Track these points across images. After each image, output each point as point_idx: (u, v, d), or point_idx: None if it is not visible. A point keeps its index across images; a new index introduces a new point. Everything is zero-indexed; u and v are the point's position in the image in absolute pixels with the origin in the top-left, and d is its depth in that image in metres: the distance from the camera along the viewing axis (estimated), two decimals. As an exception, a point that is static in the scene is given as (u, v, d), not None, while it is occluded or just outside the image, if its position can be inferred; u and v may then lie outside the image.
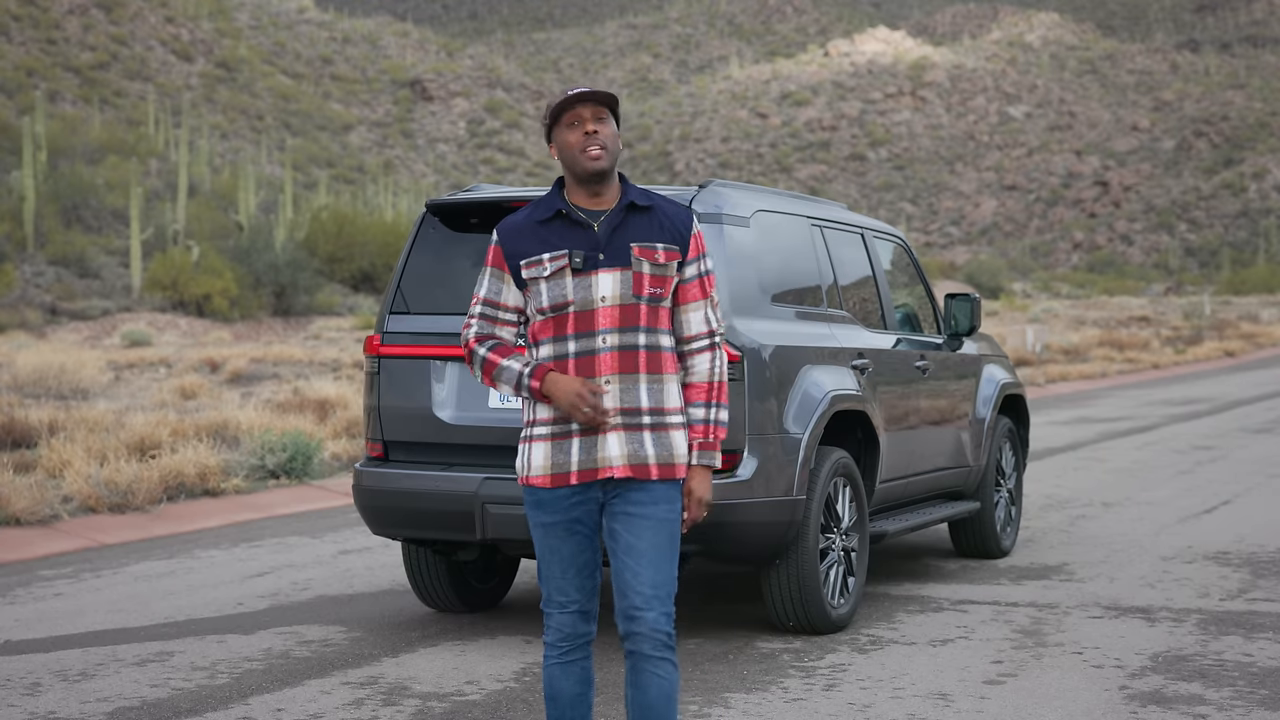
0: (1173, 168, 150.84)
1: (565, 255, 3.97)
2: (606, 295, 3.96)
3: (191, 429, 13.44)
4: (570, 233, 4.00)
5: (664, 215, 4.07)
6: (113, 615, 7.51)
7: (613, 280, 3.97)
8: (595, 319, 3.97)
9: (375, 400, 6.82)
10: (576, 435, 3.98)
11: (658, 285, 4.00)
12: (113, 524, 10.30)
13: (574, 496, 4.01)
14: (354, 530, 10.24)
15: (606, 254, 3.98)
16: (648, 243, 4.01)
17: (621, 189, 4.08)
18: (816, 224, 7.54)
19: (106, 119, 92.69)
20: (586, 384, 3.93)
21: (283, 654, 6.61)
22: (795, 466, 6.53)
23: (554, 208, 4.03)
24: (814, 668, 6.25)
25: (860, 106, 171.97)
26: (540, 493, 4.03)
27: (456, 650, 6.65)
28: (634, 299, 3.97)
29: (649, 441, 3.99)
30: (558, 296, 3.97)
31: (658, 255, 4.00)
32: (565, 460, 3.99)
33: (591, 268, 3.96)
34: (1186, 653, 6.44)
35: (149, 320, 43.75)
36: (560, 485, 4.00)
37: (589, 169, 3.96)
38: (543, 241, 4.00)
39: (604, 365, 3.97)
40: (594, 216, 4.01)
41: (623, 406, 3.97)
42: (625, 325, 3.97)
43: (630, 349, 3.98)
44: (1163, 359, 33.52)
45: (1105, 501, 11.49)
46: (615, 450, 3.97)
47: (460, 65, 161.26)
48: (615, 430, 3.97)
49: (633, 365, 3.98)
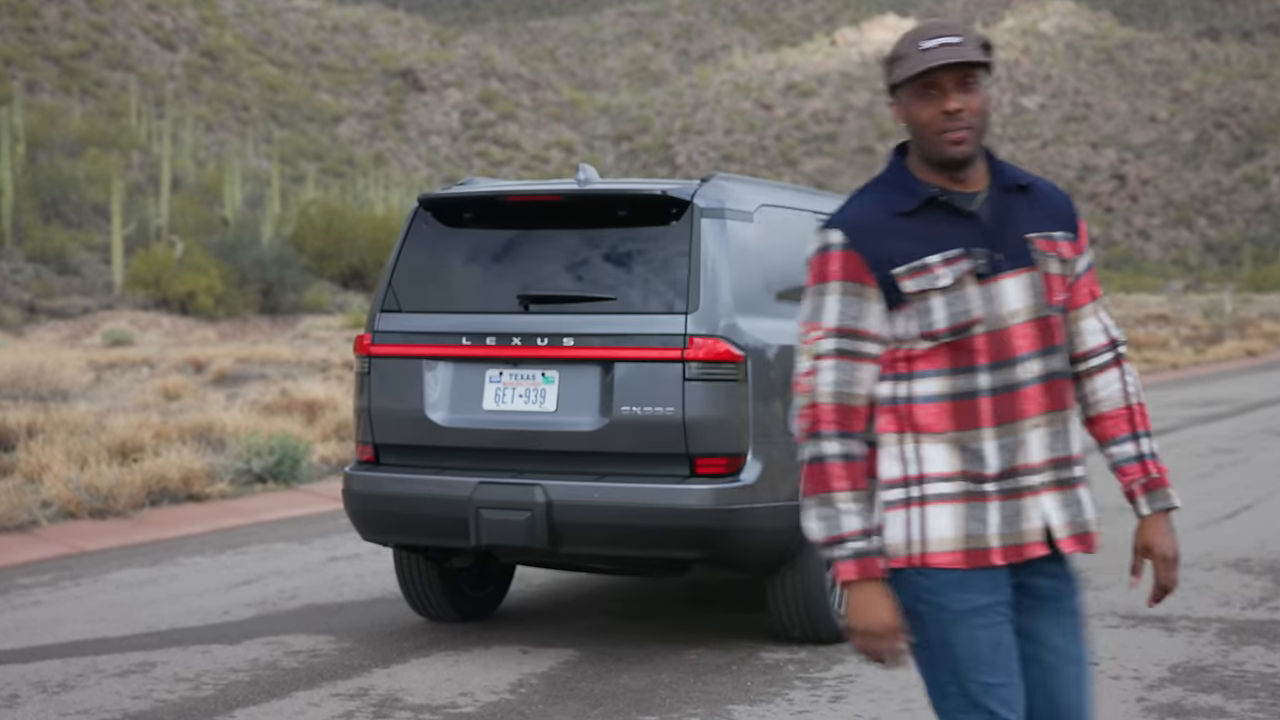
0: (1192, 160, 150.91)
1: (964, 256, 3.07)
2: (1019, 307, 3.08)
3: (175, 431, 13.44)
4: (951, 226, 3.10)
5: (1044, 195, 3.21)
6: (93, 625, 7.51)
7: (1021, 286, 3.09)
8: (1012, 341, 3.07)
9: (366, 402, 6.83)
10: (995, 497, 3.06)
11: (1064, 288, 3.16)
12: (93, 530, 10.29)
13: (992, 580, 3.09)
14: (344, 536, 10.25)
15: (1005, 251, 3.10)
16: (1044, 232, 3.15)
17: (991, 164, 3.19)
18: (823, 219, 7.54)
19: (87, 110, 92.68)
20: (901, 629, 3.08)
21: (269, 665, 6.61)
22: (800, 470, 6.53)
23: (919, 191, 3.11)
24: (820, 679, 6.25)
25: (868, 97, 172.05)
26: (945, 576, 3.06)
27: (450, 661, 6.65)
28: (1047, 310, 3.11)
29: (1085, 502, 3.15)
30: (960, 314, 3.05)
31: (1061, 249, 3.16)
32: (982, 531, 3.06)
33: (995, 271, 3.07)
34: (1206, 663, 6.44)
35: (131, 319, 43.74)
36: (979, 566, 3.06)
37: (950, 155, 3.08)
38: (921, 240, 3.07)
39: (1031, 404, 3.08)
40: (967, 200, 3.13)
41: (1054, 457, 3.10)
42: (1045, 347, 3.11)
43: (1054, 378, 3.12)
44: (1182, 359, 33.53)
45: (1123, 506, 11.48)
46: (1055, 515, 3.10)
47: (454, 55, 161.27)
48: (1048, 490, 3.10)
49: (1060, 400, 3.12)
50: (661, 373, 6.32)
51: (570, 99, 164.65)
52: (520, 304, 6.61)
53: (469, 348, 6.64)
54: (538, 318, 6.56)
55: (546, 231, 6.76)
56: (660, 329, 6.36)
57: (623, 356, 6.38)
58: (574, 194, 6.74)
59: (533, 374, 6.56)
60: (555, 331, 6.50)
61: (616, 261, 6.56)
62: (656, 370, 6.32)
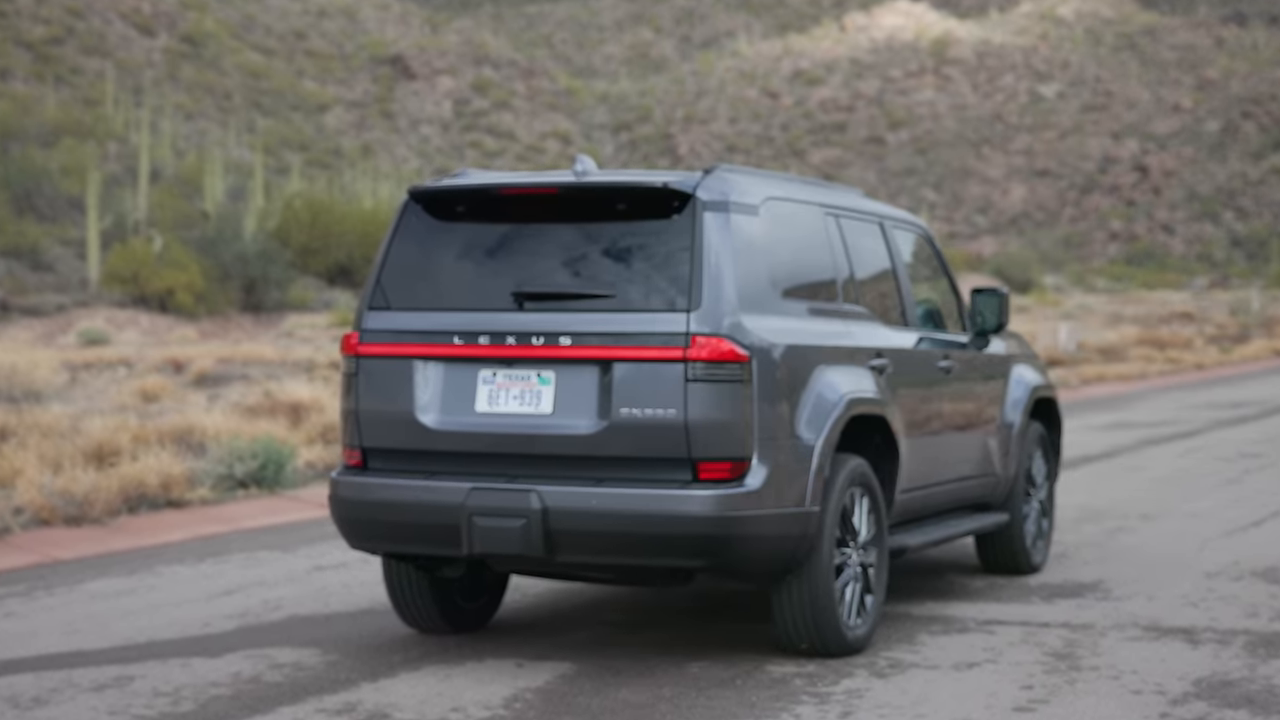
0: (1218, 151, 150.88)
1: None
2: None
3: (154, 434, 13.45)
4: None
5: None
6: (68, 636, 7.52)
7: None
8: None
9: (353, 404, 6.83)
10: None
11: None
12: (68, 537, 10.30)
13: None
14: (330, 544, 10.25)
15: None
16: None
17: None
18: (831, 213, 7.55)
19: (61, 98, 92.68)
20: None
21: (252, 679, 6.62)
22: (808, 475, 6.55)
23: None
24: (828, 694, 6.26)
25: (879, 85, 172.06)
26: None
27: (441, 674, 6.66)
28: None
29: None
30: None
31: None
32: None
33: None
34: (1233, 677, 6.45)
35: (107, 316, 43.75)
36: None
37: None
38: None
39: None
40: None
41: None
42: None
43: None
44: (1207, 359, 33.54)
45: (1144, 513, 11.50)
46: None
47: (445, 41, 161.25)
48: None
49: None
50: (663, 373, 6.32)
51: (567, 87, 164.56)
52: (515, 301, 6.61)
53: (461, 347, 6.65)
54: (533, 316, 6.57)
55: (542, 226, 6.76)
56: (661, 327, 6.36)
57: (622, 356, 6.38)
58: (571, 186, 6.74)
59: (528, 375, 6.56)
60: (551, 330, 6.51)
61: (616, 257, 6.57)
62: (657, 371, 6.33)
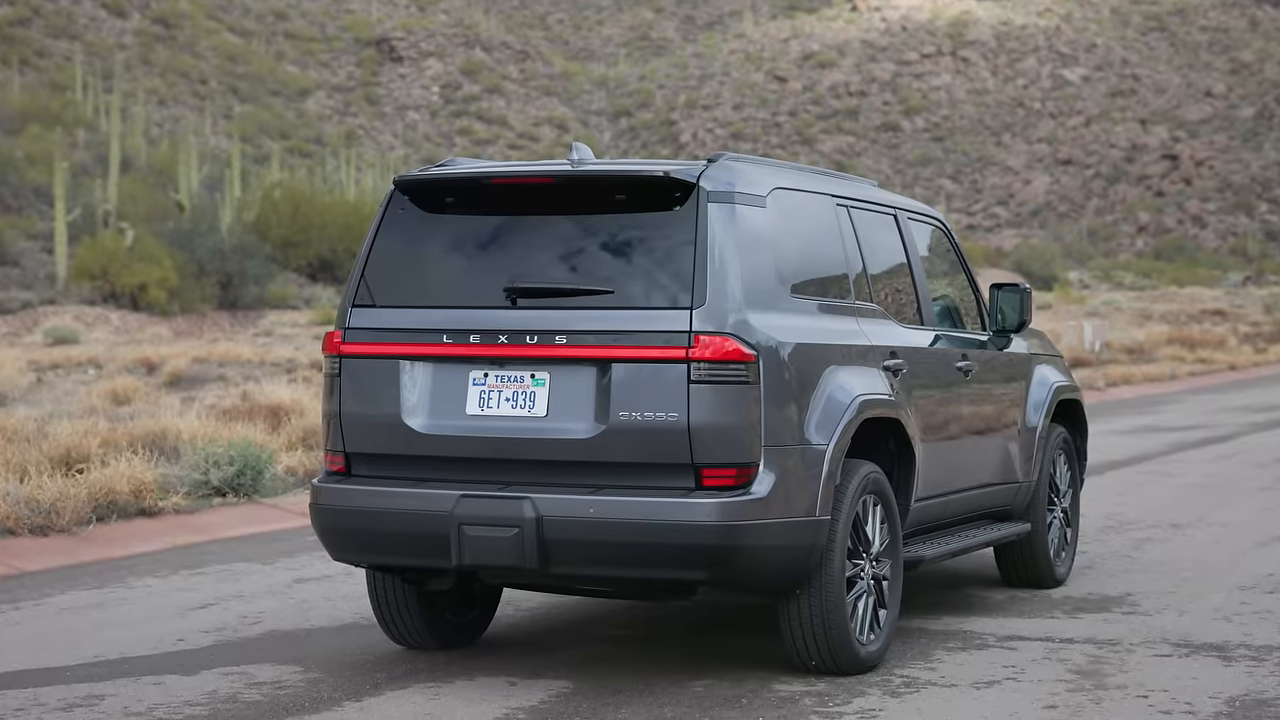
0: (1252, 139, 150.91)
1: None
2: None
3: (125, 439, 13.44)
4: None
5: None
6: (35, 653, 7.52)
7: None
8: None
9: (336, 406, 6.83)
10: None
11: None
12: (35, 548, 10.30)
13: None
14: (311, 555, 10.25)
15: None
16: None
17: None
18: (843, 204, 7.55)
19: (27, 83, 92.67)
20: None
21: (229, 697, 6.62)
22: (818, 482, 6.54)
23: None
24: (840, 713, 6.25)
25: (893, 69, 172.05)
26: None
27: (429, 693, 6.65)
28: None
29: None
30: None
31: None
32: None
33: None
34: (1267, 696, 6.44)
35: (76, 314, 43.77)
36: None
37: None
38: None
39: None
40: None
41: None
42: None
43: None
44: (1241, 359, 33.54)
45: (1174, 522, 11.49)
46: None
47: (433, 21, 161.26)
48: None
49: None
50: (664, 374, 6.31)
51: (563, 70, 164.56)
52: (507, 298, 6.61)
53: (450, 346, 6.64)
54: (527, 313, 6.56)
55: (536, 218, 6.76)
56: (662, 325, 6.35)
57: (621, 356, 6.37)
58: (567, 176, 6.74)
59: (521, 375, 6.56)
60: (546, 328, 6.50)
61: (614, 251, 6.56)
62: (658, 371, 6.32)
